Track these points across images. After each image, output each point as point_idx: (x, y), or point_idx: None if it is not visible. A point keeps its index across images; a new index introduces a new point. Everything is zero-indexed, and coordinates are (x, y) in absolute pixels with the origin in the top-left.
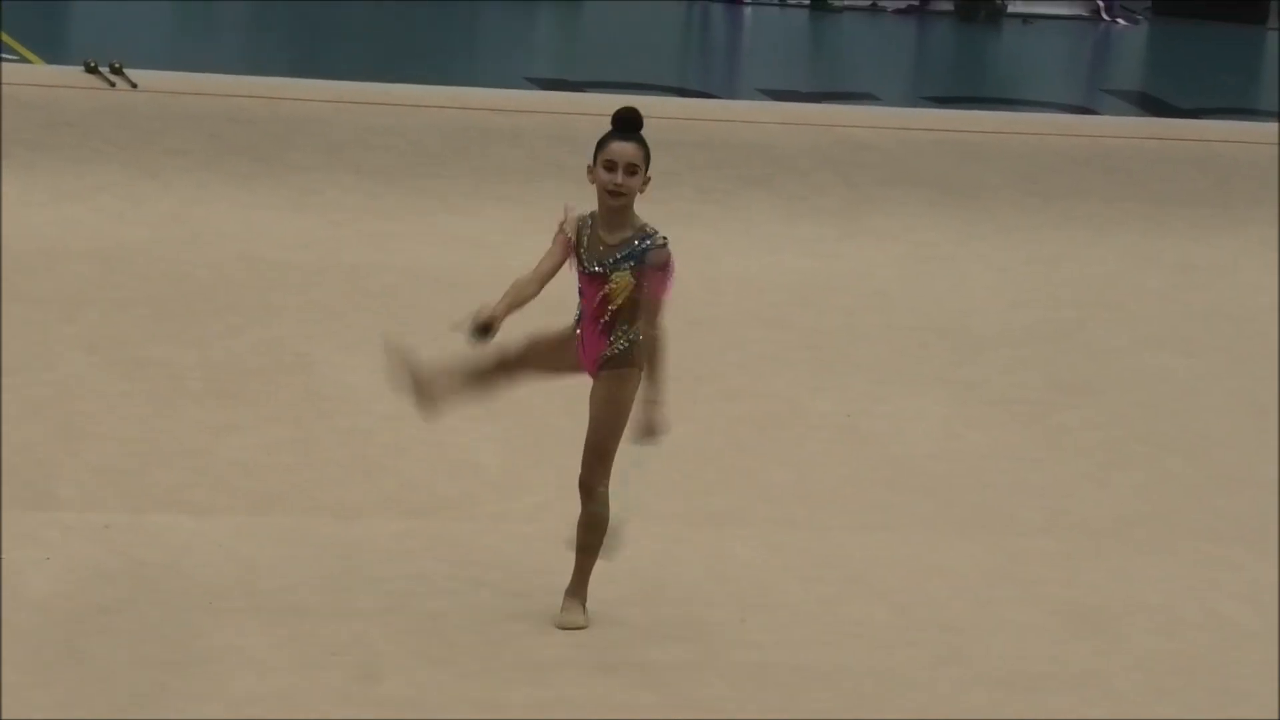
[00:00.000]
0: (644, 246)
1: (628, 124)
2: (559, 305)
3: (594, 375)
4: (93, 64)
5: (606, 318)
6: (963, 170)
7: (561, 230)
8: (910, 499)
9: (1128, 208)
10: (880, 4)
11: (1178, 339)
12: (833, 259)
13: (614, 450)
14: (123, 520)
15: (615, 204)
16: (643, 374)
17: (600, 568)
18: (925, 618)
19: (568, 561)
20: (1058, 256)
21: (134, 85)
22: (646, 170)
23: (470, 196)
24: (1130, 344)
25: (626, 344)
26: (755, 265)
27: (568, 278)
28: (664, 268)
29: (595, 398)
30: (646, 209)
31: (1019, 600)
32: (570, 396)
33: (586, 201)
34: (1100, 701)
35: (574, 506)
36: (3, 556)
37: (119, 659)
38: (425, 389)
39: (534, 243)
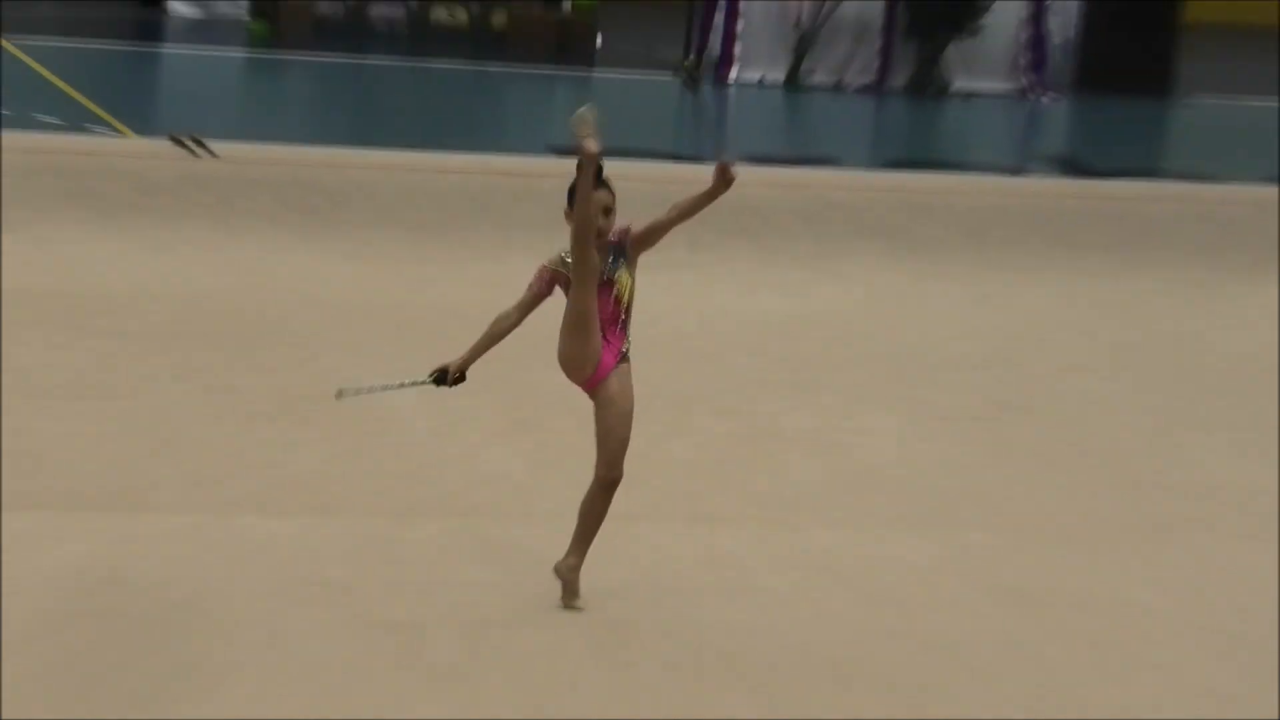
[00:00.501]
0: (620, 242)
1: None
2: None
3: (603, 378)
4: (178, 137)
5: (624, 315)
6: (914, 224)
7: (543, 268)
8: (872, 500)
9: (1052, 255)
10: (843, 83)
11: (1096, 364)
12: (805, 298)
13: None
14: (208, 520)
15: (602, 242)
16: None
17: (613, 559)
18: (883, 598)
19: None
20: (994, 295)
21: (213, 154)
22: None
23: (498, 246)
24: (1056, 369)
25: (630, 340)
26: (740, 304)
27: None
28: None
29: (615, 392)
30: (645, 254)
31: (962, 584)
32: (583, 417)
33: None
34: (1026, 665)
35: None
36: (108, 554)
37: (208, 634)
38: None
39: None
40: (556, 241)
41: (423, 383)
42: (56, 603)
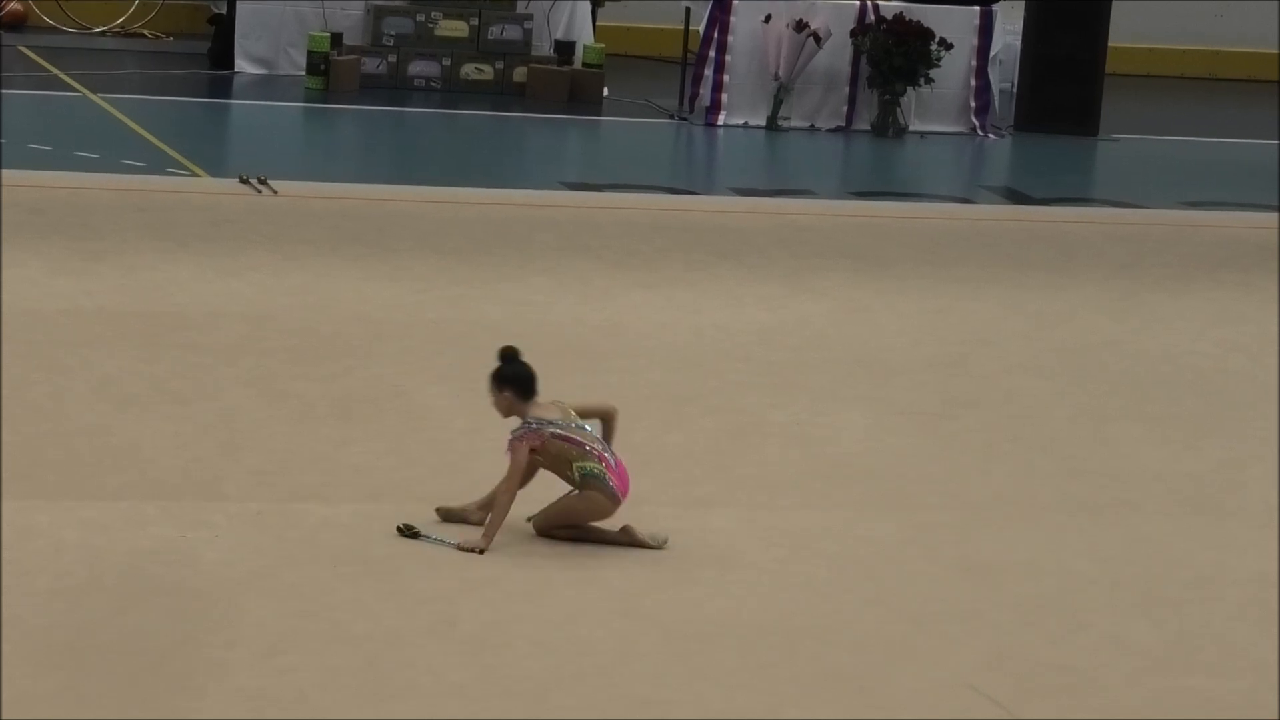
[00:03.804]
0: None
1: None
2: None
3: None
4: (245, 177)
5: (596, 446)
6: (877, 245)
7: (513, 440)
8: (844, 486)
9: (997, 271)
10: (816, 125)
11: (1036, 366)
12: (784, 311)
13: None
14: (271, 508)
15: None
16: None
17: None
18: (855, 573)
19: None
20: (947, 307)
21: (275, 192)
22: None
23: (519, 268)
24: (1001, 370)
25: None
26: (727, 316)
27: None
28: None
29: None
30: (646, 274)
31: (924, 559)
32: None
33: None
34: (982, 631)
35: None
36: (167, 540)
37: (268, 606)
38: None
39: (565, 303)
40: (569, 265)
41: (452, 545)
42: (136, 580)
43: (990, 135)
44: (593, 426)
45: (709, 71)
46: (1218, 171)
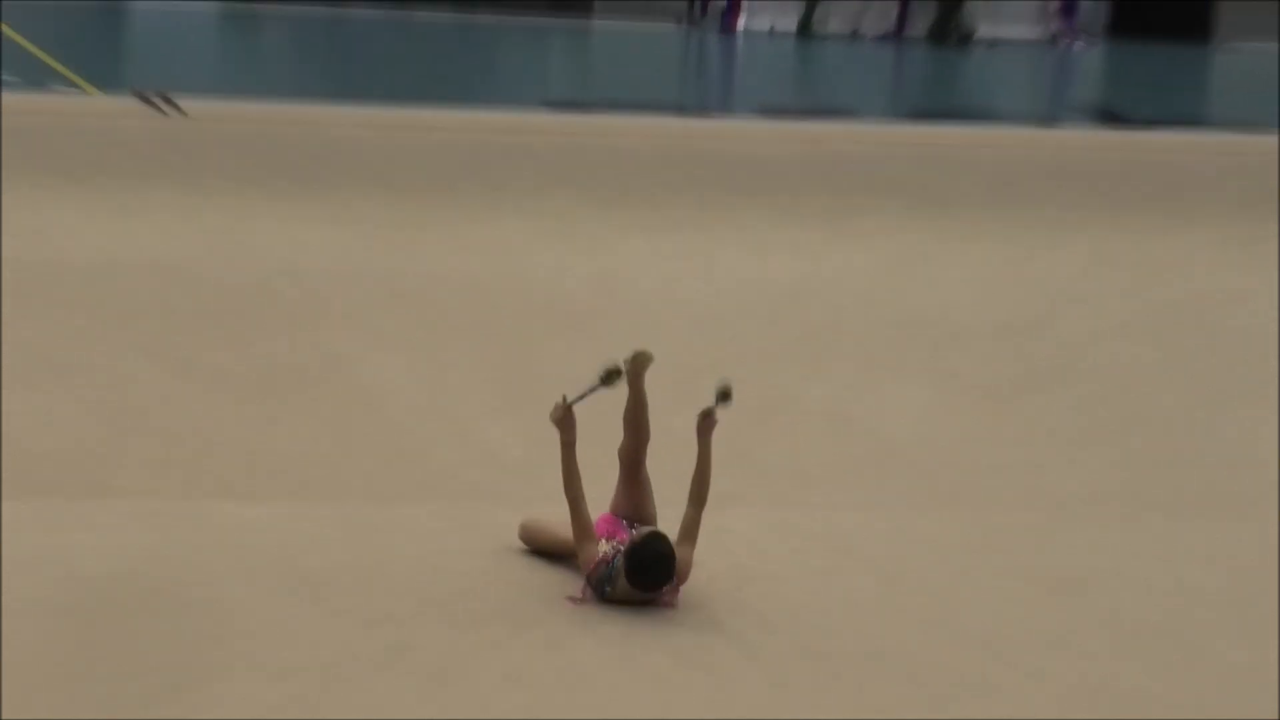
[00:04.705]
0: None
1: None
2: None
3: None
4: (145, 94)
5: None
6: (936, 179)
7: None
8: (895, 478)
9: (1086, 212)
10: (860, 31)
11: (1139, 329)
12: (820, 260)
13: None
14: (174, 507)
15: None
16: None
17: None
18: (911, 587)
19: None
20: (1025, 256)
21: (183, 113)
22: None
23: (491, 209)
24: (1096, 334)
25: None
26: (750, 267)
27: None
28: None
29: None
30: (648, 216)
31: (997, 569)
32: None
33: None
34: (1072, 661)
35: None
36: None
37: (167, 631)
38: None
39: (548, 250)
40: (553, 202)
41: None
42: (6, 598)
43: (1077, 43)
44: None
45: None
46: None
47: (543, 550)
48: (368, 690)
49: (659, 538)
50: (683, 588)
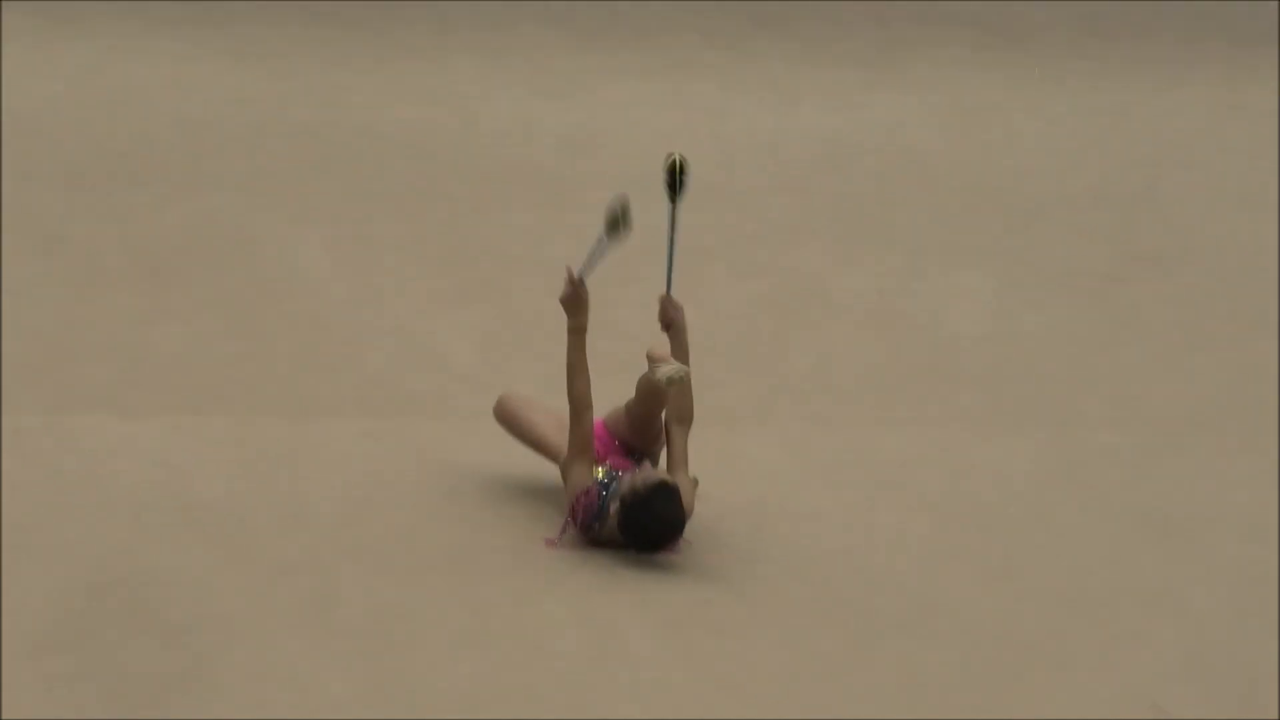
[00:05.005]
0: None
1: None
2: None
3: None
4: None
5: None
6: (1010, 6)
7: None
8: (953, 390)
9: (1208, 48)
10: None
11: (1266, 200)
12: (861, 112)
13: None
14: (35, 423)
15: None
16: None
17: None
18: (970, 527)
19: (552, 469)
20: (1124, 107)
21: None
22: None
23: (436, 43)
24: (1211, 208)
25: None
26: (771, 122)
27: None
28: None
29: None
30: (637, 54)
31: (1079, 505)
32: (555, 278)
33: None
34: (1174, 620)
35: (559, 404)
36: None
37: (34, 585)
38: None
39: (508, 97)
40: (515, 33)
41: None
42: None
43: None
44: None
45: None
46: None
47: (518, 439)
48: (280, 652)
49: (667, 495)
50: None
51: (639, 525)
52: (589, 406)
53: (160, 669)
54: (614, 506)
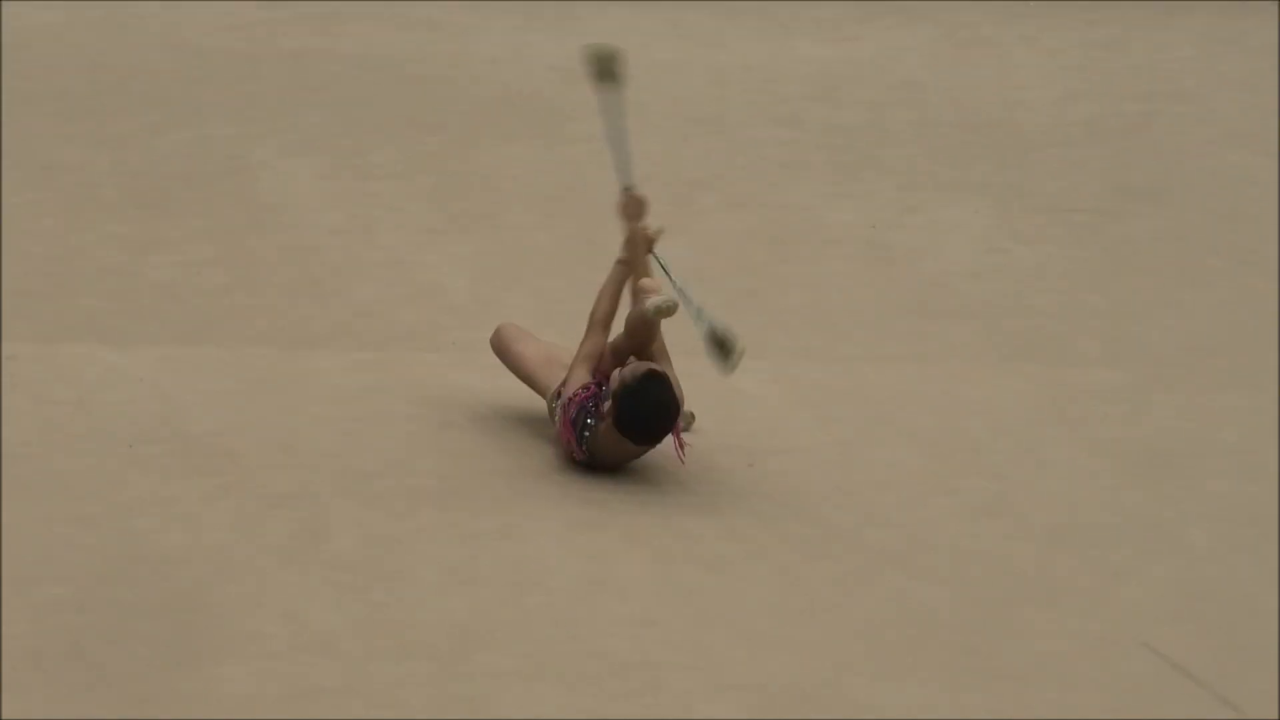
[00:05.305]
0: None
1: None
2: None
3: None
4: None
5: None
6: None
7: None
8: (945, 325)
9: None
10: None
11: (1262, 135)
12: (855, 44)
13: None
14: (27, 351)
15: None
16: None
17: None
18: (963, 462)
19: (541, 402)
20: (1120, 39)
21: None
22: None
23: None
24: (1206, 142)
25: None
26: (763, 51)
27: None
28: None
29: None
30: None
31: (1072, 441)
32: (550, 210)
33: None
34: (1166, 555)
35: (555, 336)
36: None
37: (28, 514)
38: None
39: (499, 28)
40: None
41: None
42: None
43: None
44: None
45: None
46: None
47: (510, 369)
48: (268, 586)
49: (658, 381)
50: (670, 466)
51: (633, 413)
52: (607, 329)
53: (151, 600)
54: (606, 405)
